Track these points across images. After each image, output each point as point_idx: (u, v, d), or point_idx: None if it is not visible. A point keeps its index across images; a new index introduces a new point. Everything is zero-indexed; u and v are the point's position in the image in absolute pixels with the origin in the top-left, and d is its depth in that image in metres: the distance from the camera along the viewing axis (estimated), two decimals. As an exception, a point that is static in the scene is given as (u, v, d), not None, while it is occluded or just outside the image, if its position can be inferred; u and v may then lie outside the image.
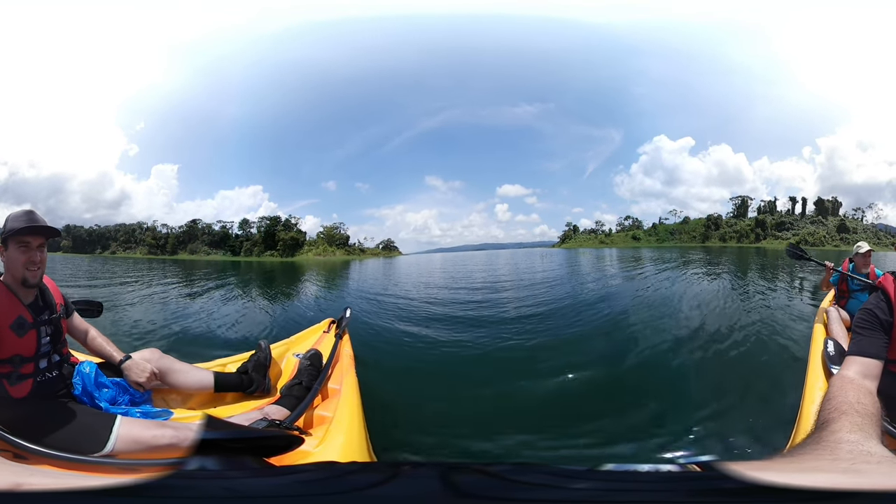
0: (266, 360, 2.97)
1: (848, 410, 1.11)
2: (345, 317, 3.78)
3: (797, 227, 49.47)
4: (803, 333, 5.23)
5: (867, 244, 4.78)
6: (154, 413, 2.47)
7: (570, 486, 0.71)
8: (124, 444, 2.01)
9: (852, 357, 1.61)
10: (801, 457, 0.90)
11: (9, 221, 2.16)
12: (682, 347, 5.93)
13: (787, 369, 4.58)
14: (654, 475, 0.78)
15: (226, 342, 6.77)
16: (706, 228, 51.90)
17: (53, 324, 2.29)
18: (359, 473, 0.80)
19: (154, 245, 51.64)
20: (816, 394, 2.63)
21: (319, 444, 2.04)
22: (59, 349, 2.31)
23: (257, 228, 52.40)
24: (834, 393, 1.26)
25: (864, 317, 1.80)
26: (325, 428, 2.23)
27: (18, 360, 2.09)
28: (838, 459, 0.87)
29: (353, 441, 2.14)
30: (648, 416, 3.71)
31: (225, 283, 18.23)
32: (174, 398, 2.74)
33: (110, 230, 52.92)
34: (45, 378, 2.19)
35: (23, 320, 2.13)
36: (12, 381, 2.08)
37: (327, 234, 52.47)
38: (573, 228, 58.07)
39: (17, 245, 2.14)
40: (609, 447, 3.24)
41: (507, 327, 7.70)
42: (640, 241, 53.07)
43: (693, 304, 9.65)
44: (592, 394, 4.35)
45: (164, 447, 2.01)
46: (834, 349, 3.16)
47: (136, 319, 8.80)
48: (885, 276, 1.88)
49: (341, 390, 2.71)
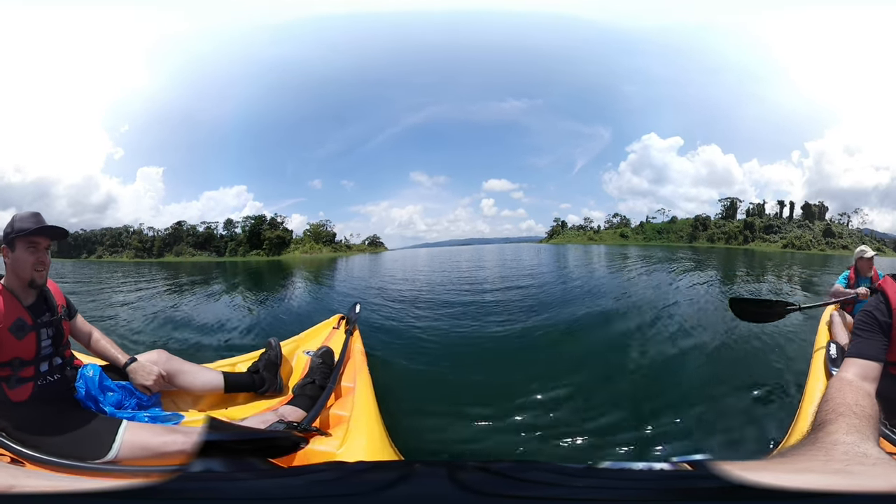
0: (277, 358, 2.89)
1: (845, 412, 1.11)
2: (354, 312, 3.70)
3: (785, 230, 50.39)
4: (807, 335, 5.23)
5: (871, 249, 4.69)
6: (164, 417, 2.38)
7: (571, 484, 0.73)
8: (130, 450, 1.95)
9: (851, 359, 1.61)
10: (795, 457, 0.91)
11: (17, 222, 2.14)
12: (682, 345, 5.93)
13: (787, 371, 4.59)
14: (648, 473, 0.80)
15: (226, 343, 6.64)
16: (694, 229, 52.47)
17: (55, 326, 2.23)
18: (369, 473, 0.81)
19: (140, 248, 51.04)
20: (816, 395, 2.64)
21: (342, 444, 2.00)
22: (61, 352, 2.25)
23: (242, 228, 52.01)
24: (832, 394, 1.25)
25: (864, 319, 1.80)
26: (343, 428, 2.18)
27: (18, 363, 2.04)
28: (832, 460, 0.87)
29: (374, 440, 2.12)
30: (651, 413, 3.71)
31: (209, 284, 17.99)
32: (184, 400, 2.65)
33: (96, 234, 52.16)
34: (46, 381, 2.14)
35: (22, 322, 2.07)
36: (11, 384, 2.03)
37: (314, 231, 52.27)
38: (561, 224, 57.98)
39: (27, 246, 2.13)
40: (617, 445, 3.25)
41: (504, 321, 7.70)
42: (629, 238, 53.55)
43: (692, 301, 9.65)
44: (607, 391, 4.31)
45: (173, 454, 1.94)
46: (836, 352, 3.18)
47: (129, 321, 8.62)
48: (884, 278, 1.88)
49: (355, 388, 2.67)
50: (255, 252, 49.45)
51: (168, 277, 22.53)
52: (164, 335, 7.29)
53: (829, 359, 3.09)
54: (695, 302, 9.55)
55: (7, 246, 2.15)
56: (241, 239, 51.18)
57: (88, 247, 51.44)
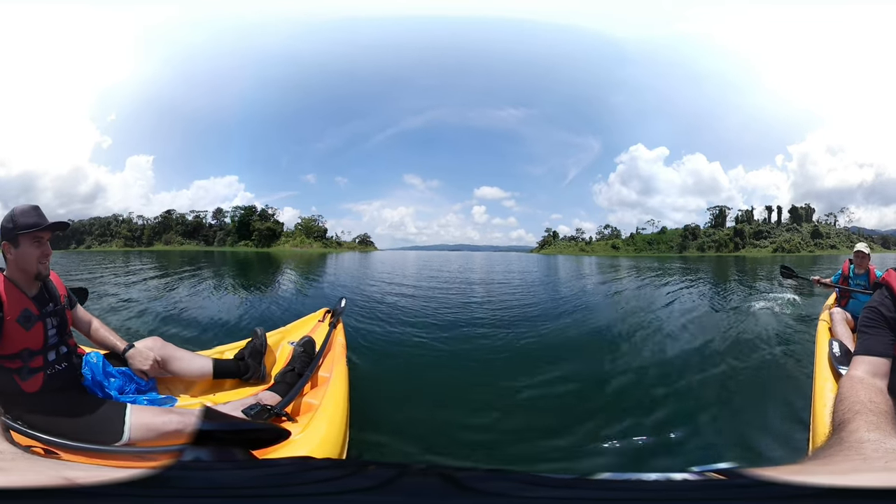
0: (262, 346, 3.02)
1: (862, 410, 1.12)
2: (340, 306, 3.88)
3: (774, 235, 50.89)
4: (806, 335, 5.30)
5: (866, 247, 4.88)
6: (160, 400, 2.56)
7: (572, 497, 0.69)
8: (138, 431, 2.09)
9: (859, 357, 1.57)
10: (829, 459, 0.91)
11: (20, 217, 2.16)
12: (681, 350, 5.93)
13: (788, 370, 4.67)
14: (667, 484, 0.74)
15: (216, 332, 6.79)
16: (683, 238, 52.75)
17: (59, 315, 2.30)
18: (328, 470, 0.82)
19: (130, 237, 50.47)
20: (827, 395, 2.60)
21: (302, 431, 2.07)
22: (65, 340, 2.33)
23: (231, 218, 51.53)
24: (845, 394, 1.26)
25: (869, 315, 1.73)
26: (310, 416, 2.28)
27: (27, 353, 2.10)
28: (869, 459, 0.87)
29: (333, 431, 2.17)
30: (653, 421, 3.65)
31: (196, 275, 17.95)
32: (177, 385, 2.82)
33: (85, 224, 51.44)
34: (54, 370, 2.20)
35: (29, 313, 2.14)
36: (24, 376, 2.09)
37: (305, 225, 51.91)
38: (553, 234, 58.18)
39: (33, 241, 2.17)
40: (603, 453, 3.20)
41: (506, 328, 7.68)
42: (619, 250, 53.70)
43: (687, 310, 9.59)
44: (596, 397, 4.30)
45: (172, 433, 2.11)
46: (839, 350, 3.16)
47: (124, 305, 8.72)
48: (888, 272, 1.81)
49: (330, 378, 2.74)
50: (244, 243, 49.04)
51: (157, 267, 22.41)
52: (156, 324, 7.42)
53: (834, 357, 3.06)
54: (691, 310, 9.52)
55: (9, 241, 2.16)
56: (230, 229, 50.73)
57: (77, 237, 50.77)
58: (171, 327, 7.10)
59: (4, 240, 2.17)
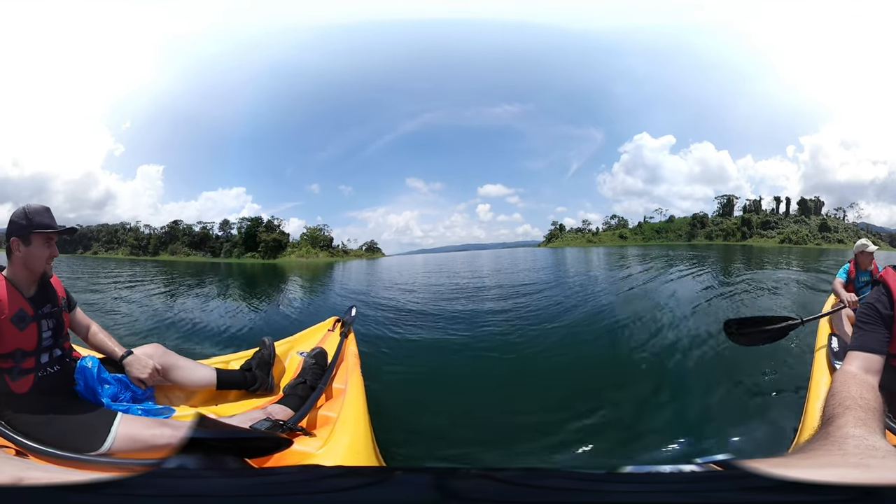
0: (270, 357, 2.89)
1: (851, 406, 1.14)
2: (350, 315, 3.72)
3: (781, 225, 50.50)
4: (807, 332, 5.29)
5: (873, 244, 4.74)
6: (156, 410, 2.40)
7: (596, 489, 0.71)
8: (123, 442, 1.98)
9: (854, 352, 1.61)
10: (814, 452, 0.94)
11: (35, 216, 2.16)
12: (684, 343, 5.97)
13: (789, 366, 4.63)
14: (680, 476, 0.81)
15: (221, 341, 6.65)
16: (692, 227, 52.48)
17: (55, 317, 2.25)
18: (343, 478, 0.80)
19: (136, 246, 50.86)
20: (822, 389, 2.65)
21: (323, 445, 1.98)
22: (60, 343, 2.27)
23: (238, 229, 51.85)
24: (837, 388, 1.28)
25: (865, 311, 1.78)
26: (329, 429, 2.16)
27: (20, 354, 2.06)
28: (847, 454, 0.90)
29: (358, 443, 2.09)
30: (661, 415, 3.76)
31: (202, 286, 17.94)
32: (177, 395, 2.66)
33: (93, 230, 51.96)
34: (46, 373, 2.16)
35: (24, 313, 2.09)
36: (14, 376, 2.05)
37: (311, 235, 52.06)
38: (559, 227, 57.83)
39: (45, 240, 2.17)
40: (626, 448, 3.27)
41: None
42: (627, 239, 53.41)
43: (693, 299, 9.74)
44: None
45: (162, 446, 1.98)
46: (839, 345, 3.17)
47: (127, 315, 8.61)
48: (885, 269, 1.86)
49: (346, 390, 2.65)
50: (251, 254, 49.23)
51: (163, 276, 22.44)
52: (160, 332, 7.30)
53: (832, 352, 3.07)
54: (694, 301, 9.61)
55: (20, 239, 2.14)
56: (237, 240, 51.00)
57: (84, 242, 51.25)
58: (173, 335, 6.97)
59: (15, 236, 2.14)
